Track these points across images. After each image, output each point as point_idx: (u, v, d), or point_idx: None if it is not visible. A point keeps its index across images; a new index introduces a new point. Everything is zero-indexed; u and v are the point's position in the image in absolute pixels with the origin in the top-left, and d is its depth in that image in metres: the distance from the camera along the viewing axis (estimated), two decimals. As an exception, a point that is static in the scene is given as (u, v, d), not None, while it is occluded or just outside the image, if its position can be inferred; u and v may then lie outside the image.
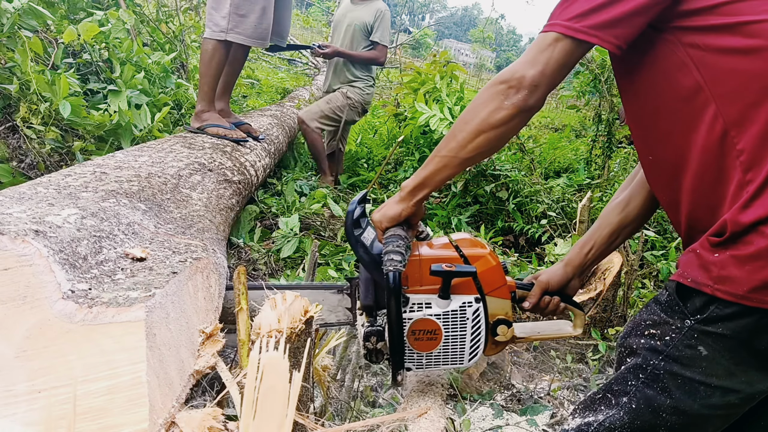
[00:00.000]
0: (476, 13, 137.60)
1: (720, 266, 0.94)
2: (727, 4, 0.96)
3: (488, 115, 1.10)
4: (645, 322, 1.07)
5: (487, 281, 1.28)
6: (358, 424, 1.06)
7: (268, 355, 0.89)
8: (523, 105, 1.08)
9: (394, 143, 4.92)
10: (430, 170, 1.20)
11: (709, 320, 0.97)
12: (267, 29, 2.77)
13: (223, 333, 1.17)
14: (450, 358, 1.30)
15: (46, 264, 0.85)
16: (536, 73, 1.06)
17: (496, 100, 1.09)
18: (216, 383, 1.45)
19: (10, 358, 0.74)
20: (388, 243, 1.19)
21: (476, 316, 1.27)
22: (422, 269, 1.25)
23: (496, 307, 1.30)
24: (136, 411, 0.76)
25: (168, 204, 1.65)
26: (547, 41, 1.06)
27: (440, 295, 1.25)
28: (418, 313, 1.25)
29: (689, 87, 1.01)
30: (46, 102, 2.56)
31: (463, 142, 1.14)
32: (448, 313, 1.26)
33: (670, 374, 1.02)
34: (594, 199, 4.15)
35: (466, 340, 1.28)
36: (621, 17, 1.00)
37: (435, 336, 1.26)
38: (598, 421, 1.10)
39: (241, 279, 1.24)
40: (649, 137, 1.14)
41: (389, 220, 1.25)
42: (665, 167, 1.12)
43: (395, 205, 1.25)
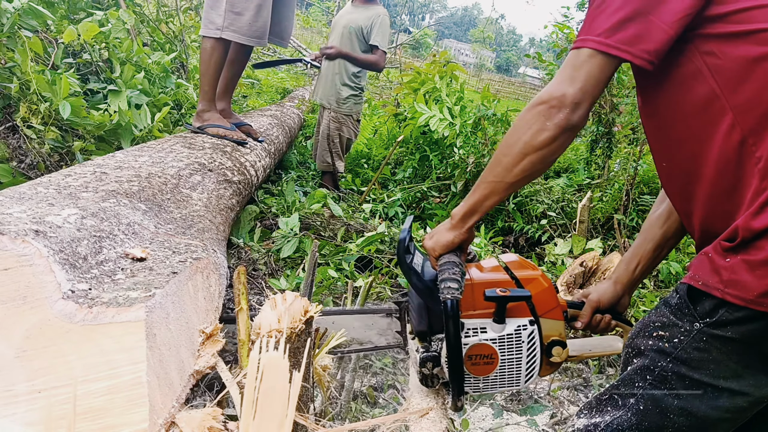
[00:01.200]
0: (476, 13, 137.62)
1: (731, 270, 0.94)
2: (743, 12, 0.96)
3: (531, 137, 1.09)
4: (653, 324, 1.08)
5: (541, 303, 1.29)
6: (359, 425, 1.06)
7: (268, 355, 0.89)
8: (567, 124, 1.07)
9: (394, 143, 4.92)
10: (478, 197, 1.20)
11: (719, 324, 0.97)
12: (263, 28, 2.76)
13: (222, 333, 1.17)
14: (506, 381, 1.30)
15: (46, 264, 0.85)
16: (576, 90, 1.05)
17: (539, 121, 1.08)
18: (216, 383, 1.45)
19: (10, 358, 0.74)
20: (444, 270, 1.19)
21: (531, 339, 1.28)
22: (475, 294, 1.25)
23: (550, 329, 1.30)
24: (136, 411, 0.76)
25: (168, 204, 1.65)
26: (581, 58, 1.05)
27: (495, 320, 1.25)
28: (473, 338, 1.25)
29: (704, 95, 1.01)
30: (46, 102, 2.56)
31: (509, 167, 1.13)
32: (504, 337, 1.26)
33: (678, 376, 1.02)
34: (594, 199, 4.15)
35: (522, 363, 1.28)
36: (652, 32, 0.99)
37: (491, 360, 1.26)
38: (605, 421, 1.11)
39: (241, 279, 1.24)
40: (664, 144, 1.14)
41: (442, 248, 1.25)
42: (679, 174, 1.12)
43: (447, 233, 1.25)
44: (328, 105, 4.59)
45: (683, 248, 3.68)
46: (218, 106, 2.94)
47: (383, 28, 4.41)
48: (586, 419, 1.16)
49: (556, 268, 3.36)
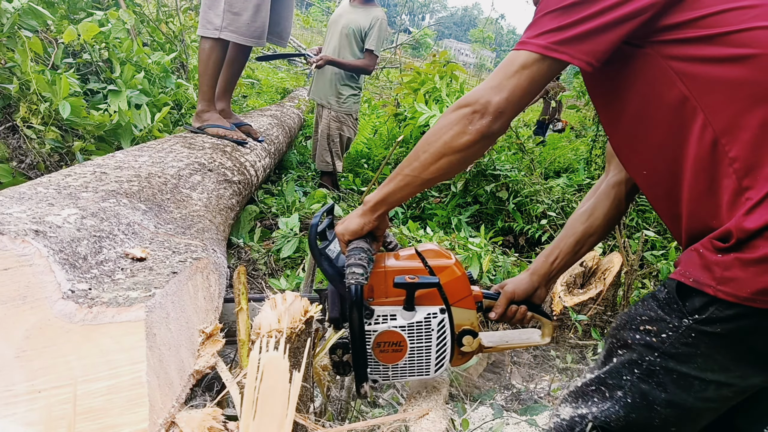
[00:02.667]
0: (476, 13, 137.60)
1: (723, 267, 0.95)
2: (710, 17, 0.97)
3: (451, 138, 1.10)
4: (641, 317, 1.08)
5: (452, 292, 1.29)
6: (359, 425, 1.06)
7: (268, 355, 0.89)
8: (487, 131, 1.08)
9: (394, 143, 4.92)
10: (392, 188, 1.21)
11: (708, 320, 0.97)
12: (261, 28, 2.76)
13: (222, 333, 1.17)
14: (416, 369, 1.30)
15: (46, 264, 0.85)
16: (502, 99, 1.06)
17: (461, 124, 1.09)
18: (216, 383, 1.45)
19: (10, 358, 0.74)
20: (351, 256, 1.20)
21: (441, 327, 1.28)
22: (387, 281, 1.25)
23: (461, 318, 1.30)
24: (136, 411, 0.76)
25: (168, 204, 1.65)
26: (515, 65, 1.05)
27: (405, 307, 1.25)
28: (383, 325, 1.25)
29: (675, 98, 1.01)
30: (46, 102, 2.56)
31: (426, 164, 1.15)
32: (413, 324, 1.26)
33: (665, 370, 1.03)
34: (594, 199, 4.14)
35: (431, 352, 1.29)
36: (589, 33, 0.99)
37: (400, 348, 1.26)
38: (592, 413, 1.12)
39: (241, 279, 1.24)
40: (640, 152, 1.14)
41: (351, 234, 1.26)
42: (661, 180, 1.12)
43: (357, 219, 1.26)
44: (327, 104, 4.58)
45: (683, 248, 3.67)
46: (218, 106, 2.94)
47: (381, 33, 4.42)
48: (572, 409, 1.17)
49: (556, 268, 3.35)
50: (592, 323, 2.74)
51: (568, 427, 1.16)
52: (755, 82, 0.94)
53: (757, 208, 0.93)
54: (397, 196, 1.22)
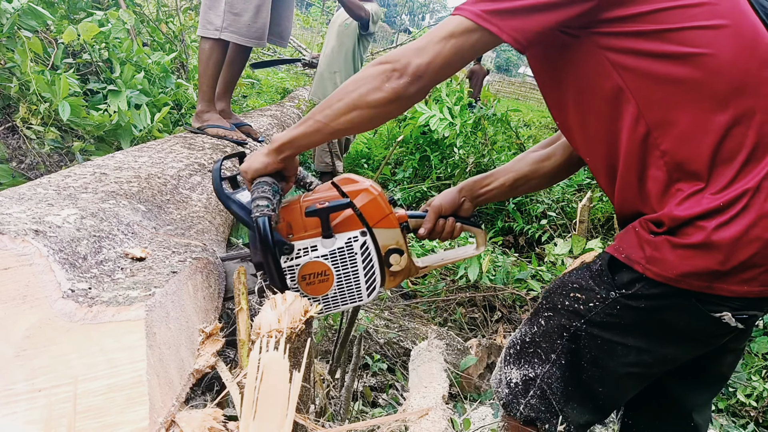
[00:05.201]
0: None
1: (654, 247, 1.00)
2: (653, 13, 0.97)
3: (367, 92, 1.09)
4: (572, 284, 1.14)
5: (371, 214, 1.28)
6: (359, 425, 1.06)
7: (268, 355, 0.89)
8: (403, 92, 1.06)
9: (394, 143, 4.92)
10: (302, 131, 1.19)
11: (634, 296, 1.03)
12: (262, 28, 2.76)
13: (222, 333, 1.17)
14: (348, 297, 1.29)
15: (45, 263, 0.85)
16: (422, 63, 1.04)
17: (378, 79, 1.07)
18: (216, 383, 1.45)
19: (10, 357, 0.74)
20: (255, 190, 1.18)
21: (365, 250, 1.27)
22: (300, 213, 1.25)
23: (385, 238, 1.30)
24: (136, 409, 0.76)
25: (168, 205, 1.65)
26: (444, 31, 1.03)
27: (324, 235, 1.24)
28: (304, 257, 1.24)
29: (610, 89, 1.02)
30: (46, 102, 2.56)
31: (338, 113, 1.13)
32: (335, 251, 1.25)
33: (590, 336, 1.10)
34: (594, 199, 4.15)
35: (359, 276, 1.28)
36: (522, 9, 0.98)
37: (326, 277, 1.26)
38: (538, 376, 1.18)
39: (241, 279, 1.24)
40: (580, 138, 1.17)
41: (254, 172, 1.25)
42: (599, 166, 1.15)
43: (262, 157, 1.25)
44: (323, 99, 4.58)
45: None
46: (218, 106, 2.94)
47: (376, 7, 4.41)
48: (518, 371, 1.22)
49: (556, 268, 3.36)
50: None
51: (524, 390, 1.21)
52: (691, 80, 0.96)
53: (688, 200, 0.97)
54: (304, 141, 1.20)
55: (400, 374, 2.34)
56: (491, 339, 2.80)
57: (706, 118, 0.96)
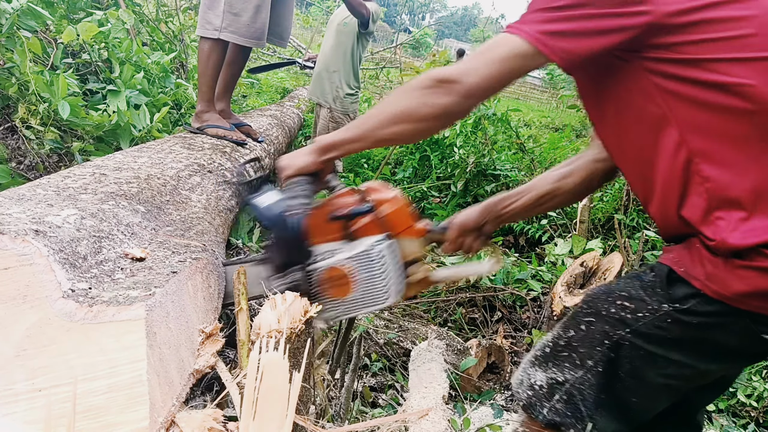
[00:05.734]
0: (476, 13, 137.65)
1: (714, 265, 0.98)
2: (698, 43, 0.97)
3: (415, 107, 1.09)
4: (620, 293, 1.12)
5: (395, 222, 1.29)
6: (359, 425, 1.06)
7: (268, 356, 0.89)
8: (451, 110, 1.06)
9: (394, 143, 4.92)
10: (347, 137, 1.20)
11: (688, 311, 1.01)
12: (261, 29, 2.76)
13: (222, 333, 1.17)
14: (369, 300, 1.30)
15: (46, 263, 0.85)
16: (474, 84, 1.04)
17: (428, 95, 1.07)
18: (216, 383, 1.45)
19: (10, 356, 0.74)
20: (289, 190, 1.20)
21: (386, 257, 1.28)
22: (324, 218, 1.26)
23: (406, 247, 1.31)
24: (136, 409, 0.76)
25: (167, 206, 1.65)
26: (500, 51, 1.03)
27: (346, 240, 1.26)
28: (327, 260, 1.25)
29: (653, 114, 1.02)
30: (45, 102, 2.56)
31: (384, 124, 1.13)
32: (357, 255, 1.26)
33: (633, 346, 1.08)
34: (594, 199, 4.15)
35: (381, 280, 1.29)
36: (577, 34, 0.99)
37: (347, 281, 1.27)
38: (568, 381, 1.16)
39: (241, 279, 1.24)
40: (619, 156, 1.17)
41: (295, 170, 1.25)
42: (636, 183, 1.15)
43: (303, 156, 1.25)
44: (325, 103, 4.57)
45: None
46: (217, 106, 2.94)
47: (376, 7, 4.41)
48: (544, 374, 1.20)
49: (556, 268, 3.36)
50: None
51: (548, 393, 1.19)
52: (737, 110, 0.96)
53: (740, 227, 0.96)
54: (348, 147, 1.22)
55: (400, 374, 2.34)
56: (491, 339, 2.81)
57: (750, 147, 0.96)
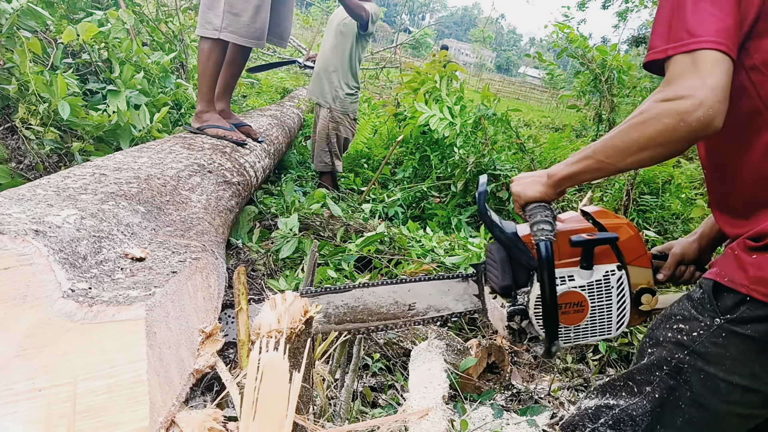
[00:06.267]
0: (476, 13, 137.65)
1: (757, 267, 0.97)
2: None
3: (659, 133, 1.02)
4: (675, 317, 1.10)
5: (628, 250, 1.28)
6: (359, 425, 1.06)
7: (268, 356, 0.89)
8: (707, 128, 0.96)
9: (394, 143, 4.93)
10: (582, 168, 1.18)
11: (739, 320, 0.99)
12: (261, 28, 2.76)
13: (222, 333, 1.17)
14: (597, 330, 1.30)
15: (46, 263, 0.85)
16: (718, 91, 0.96)
17: (673, 118, 0.99)
18: (216, 383, 1.45)
19: (10, 356, 0.74)
20: (535, 214, 1.20)
21: (620, 285, 1.27)
22: (561, 242, 1.24)
23: (638, 276, 1.30)
24: (136, 409, 0.76)
25: (167, 206, 1.65)
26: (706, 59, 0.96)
27: (583, 266, 1.25)
28: (562, 286, 1.24)
29: (747, 110, 1.01)
30: (45, 103, 2.56)
31: (625, 154, 1.09)
32: (593, 283, 1.25)
33: (693, 369, 1.05)
34: (594, 199, 4.15)
35: (612, 310, 1.28)
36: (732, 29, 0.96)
37: (582, 308, 1.26)
38: (619, 406, 1.14)
39: (241, 279, 1.24)
40: (704, 153, 1.17)
41: (529, 199, 1.26)
42: (719, 181, 1.14)
43: (539, 186, 1.26)
44: (324, 103, 4.57)
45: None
46: (217, 106, 2.94)
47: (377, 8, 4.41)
48: (597, 400, 1.19)
49: (555, 267, 3.35)
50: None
51: (594, 415, 1.18)
52: None
53: None
54: (583, 177, 1.21)
55: (399, 374, 2.34)
56: (491, 339, 2.80)
57: None
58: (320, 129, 4.62)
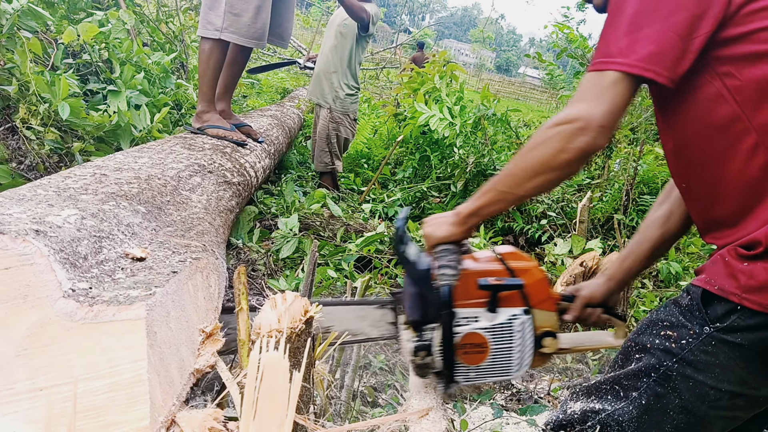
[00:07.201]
0: (476, 13, 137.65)
1: (749, 275, 0.96)
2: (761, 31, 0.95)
3: (551, 157, 1.07)
4: (662, 323, 1.10)
5: (534, 294, 1.29)
6: (359, 425, 1.06)
7: (268, 355, 0.89)
8: (590, 148, 1.04)
9: (394, 143, 4.93)
10: (485, 201, 1.20)
11: (729, 329, 0.99)
12: (262, 29, 2.76)
13: (223, 332, 1.17)
14: (498, 371, 1.31)
15: (46, 263, 0.85)
16: (604, 113, 1.02)
17: (561, 141, 1.05)
18: (216, 383, 1.46)
19: (11, 356, 0.74)
20: (441, 257, 1.20)
21: (523, 329, 1.28)
22: (469, 284, 1.25)
23: (542, 319, 1.30)
24: (137, 408, 0.76)
25: (167, 206, 1.65)
26: (606, 81, 1.02)
27: (488, 309, 1.25)
28: (466, 327, 1.25)
29: (725, 117, 1.00)
30: (46, 103, 2.56)
31: (522, 181, 1.13)
32: (496, 326, 1.26)
33: (682, 376, 1.05)
34: (594, 199, 4.15)
35: (513, 353, 1.29)
36: (670, 49, 0.97)
37: (483, 349, 1.26)
38: (606, 410, 1.14)
39: (242, 279, 1.24)
40: (680, 167, 1.15)
41: (438, 240, 1.26)
42: (702, 196, 1.12)
43: (448, 227, 1.26)
44: (324, 104, 4.57)
45: (683, 248, 3.68)
46: (218, 106, 2.94)
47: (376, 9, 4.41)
48: (583, 403, 1.19)
49: (555, 268, 3.36)
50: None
51: (580, 419, 1.18)
52: None
53: None
54: (488, 210, 1.22)
55: (400, 374, 2.35)
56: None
57: None
58: (320, 129, 4.62)
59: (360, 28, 4.37)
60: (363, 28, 4.36)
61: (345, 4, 4.13)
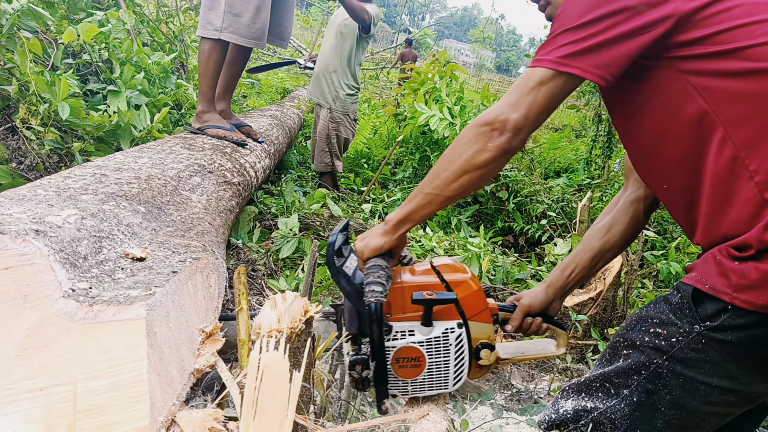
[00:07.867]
0: (476, 13, 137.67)
1: (740, 275, 0.96)
2: (722, 33, 0.97)
3: (472, 156, 1.12)
4: (651, 320, 1.10)
5: (469, 306, 1.29)
6: (359, 425, 1.06)
7: (268, 355, 0.89)
8: (507, 147, 1.10)
9: (394, 143, 4.93)
10: (414, 206, 1.22)
11: (720, 328, 0.99)
12: (262, 29, 2.76)
13: (222, 332, 1.17)
14: (435, 384, 1.30)
15: (46, 263, 0.85)
16: (520, 116, 1.08)
17: (480, 141, 1.11)
18: (216, 383, 1.46)
19: (11, 356, 0.75)
20: (370, 273, 1.19)
21: (459, 342, 1.28)
22: (405, 297, 1.25)
23: (478, 332, 1.30)
24: (137, 408, 0.76)
25: (167, 207, 1.65)
26: (531, 82, 1.07)
27: (423, 323, 1.25)
28: (401, 341, 1.25)
29: (694, 113, 1.01)
30: (46, 103, 2.56)
31: (448, 182, 1.16)
32: (431, 340, 1.26)
33: (672, 373, 1.05)
34: (594, 199, 4.15)
35: (450, 366, 1.28)
36: (599, 46, 1.00)
37: (419, 363, 1.26)
38: (597, 408, 1.15)
39: (242, 279, 1.24)
40: (658, 167, 1.15)
41: (371, 251, 1.26)
42: (680, 194, 1.13)
43: (379, 237, 1.27)
44: (324, 104, 4.57)
45: (683, 248, 3.68)
46: (218, 106, 2.94)
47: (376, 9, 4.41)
48: (574, 401, 1.19)
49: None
50: (592, 323, 2.74)
51: (573, 419, 1.18)
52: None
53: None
54: (419, 214, 1.23)
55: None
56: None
57: None
58: (320, 129, 4.62)
59: (361, 29, 4.37)
60: (364, 29, 4.36)
61: (346, 4, 4.13)
